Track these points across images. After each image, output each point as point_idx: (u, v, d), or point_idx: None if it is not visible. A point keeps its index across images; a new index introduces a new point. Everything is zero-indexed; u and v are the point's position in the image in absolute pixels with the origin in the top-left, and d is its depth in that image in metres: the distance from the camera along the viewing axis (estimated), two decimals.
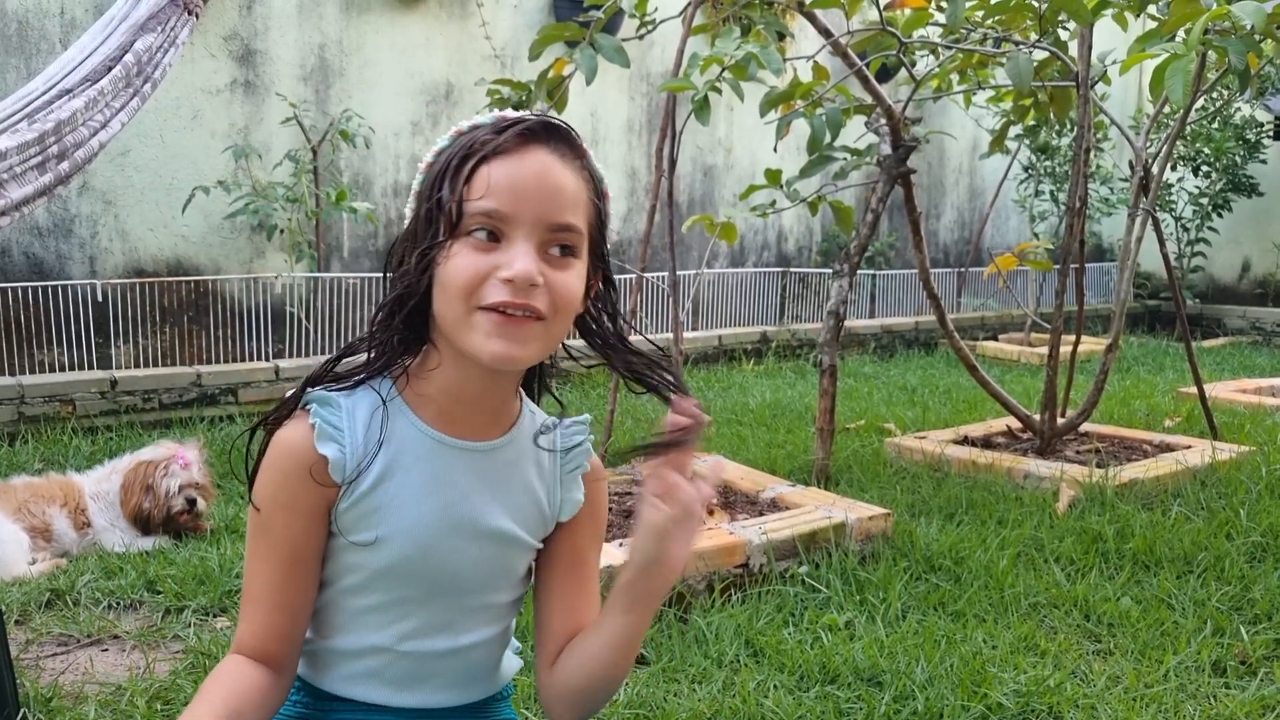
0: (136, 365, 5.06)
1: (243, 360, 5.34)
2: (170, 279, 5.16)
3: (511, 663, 1.33)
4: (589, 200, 1.13)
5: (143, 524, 3.22)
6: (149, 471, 3.23)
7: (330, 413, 1.13)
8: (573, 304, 1.11)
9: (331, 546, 1.16)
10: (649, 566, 1.09)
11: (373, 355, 1.15)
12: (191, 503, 3.25)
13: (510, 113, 1.12)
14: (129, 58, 3.56)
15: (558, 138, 1.11)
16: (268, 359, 5.34)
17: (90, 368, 4.91)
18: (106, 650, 2.51)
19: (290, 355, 5.44)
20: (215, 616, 2.68)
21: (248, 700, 1.10)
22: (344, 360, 1.19)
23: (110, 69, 3.51)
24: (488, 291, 1.05)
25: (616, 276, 1.24)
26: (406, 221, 1.14)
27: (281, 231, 5.21)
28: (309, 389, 1.15)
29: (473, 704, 1.26)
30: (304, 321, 5.46)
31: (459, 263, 1.05)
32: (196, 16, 3.83)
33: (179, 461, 3.27)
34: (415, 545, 1.15)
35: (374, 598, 1.17)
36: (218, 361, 5.28)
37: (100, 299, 4.95)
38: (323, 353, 5.48)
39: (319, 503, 1.13)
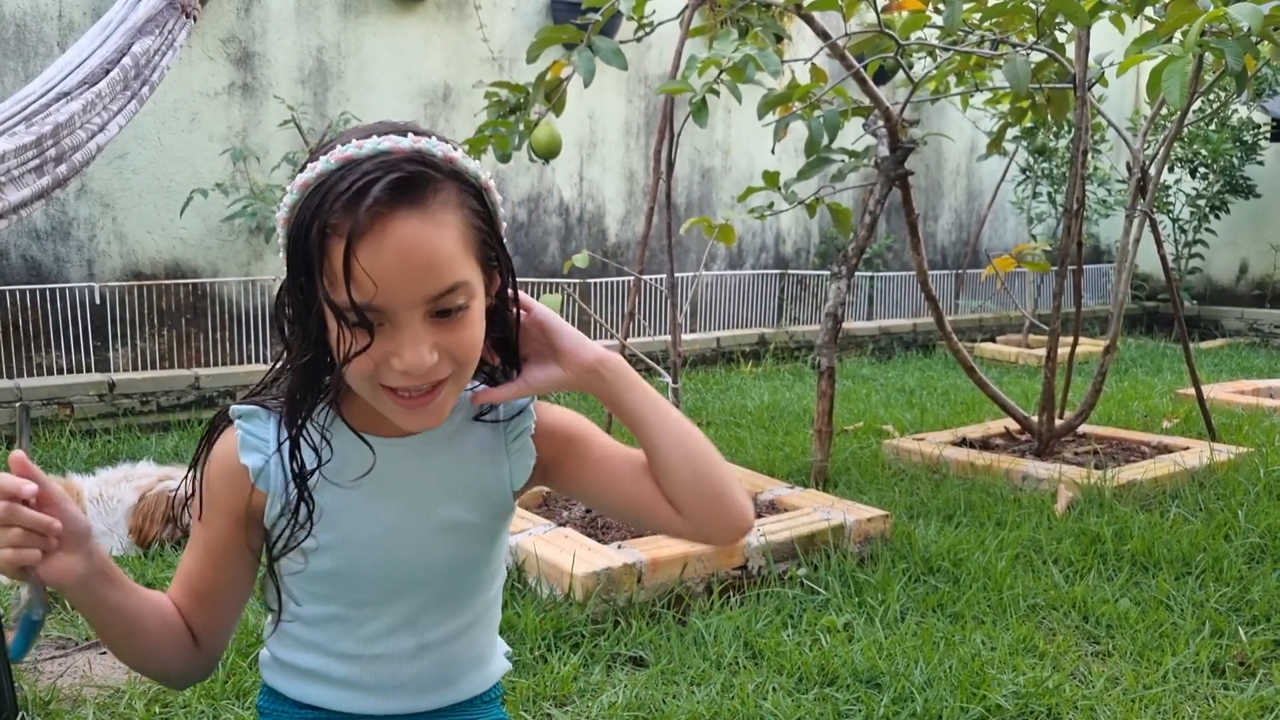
0: (134, 368, 5.05)
1: (241, 363, 5.33)
2: (168, 281, 5.16)
3: (499, 664, 1.32)
4: (466, 230, 1.05)
5: (146, 545, 3.20)
6: (174, 504, 3.20)
7: (255, 425, 1.15)
8: (476, 351, 1.09)
9: (281, 566, 1.18)
10: (579, 355, 1.16)
11: (289, 393, 1.13)
12: None
13: (353, 150, 1.03)
14: (127, 60, 3.55)
15: (407, 191, 1.01)
16: (266, 361, 5.34)
17: (88, 370, 4.91)
18: (105, 653, 2.51)
19: None
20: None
21: (161, 609, 1.16)
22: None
23: (108, 72, 3.51)
24: (386, 375, 1.05)
25: (615, 280, 1.24)
26: (281, 235, 1.09)
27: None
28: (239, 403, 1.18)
29: (459, 704, 1.25)
30: None
31: (346, 350, 1.03)
32: (194, 19, 3.83)
33: None
34: (361, 548, 1.15)
35: (332, 606, 1.18)
36: (216, 364, 5.28)
37: (98, 301, 4.95)
38: None
39: (241, 506, 1.16)
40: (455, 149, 1.07)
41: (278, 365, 1.16)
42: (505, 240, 1.14)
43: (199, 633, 1.19)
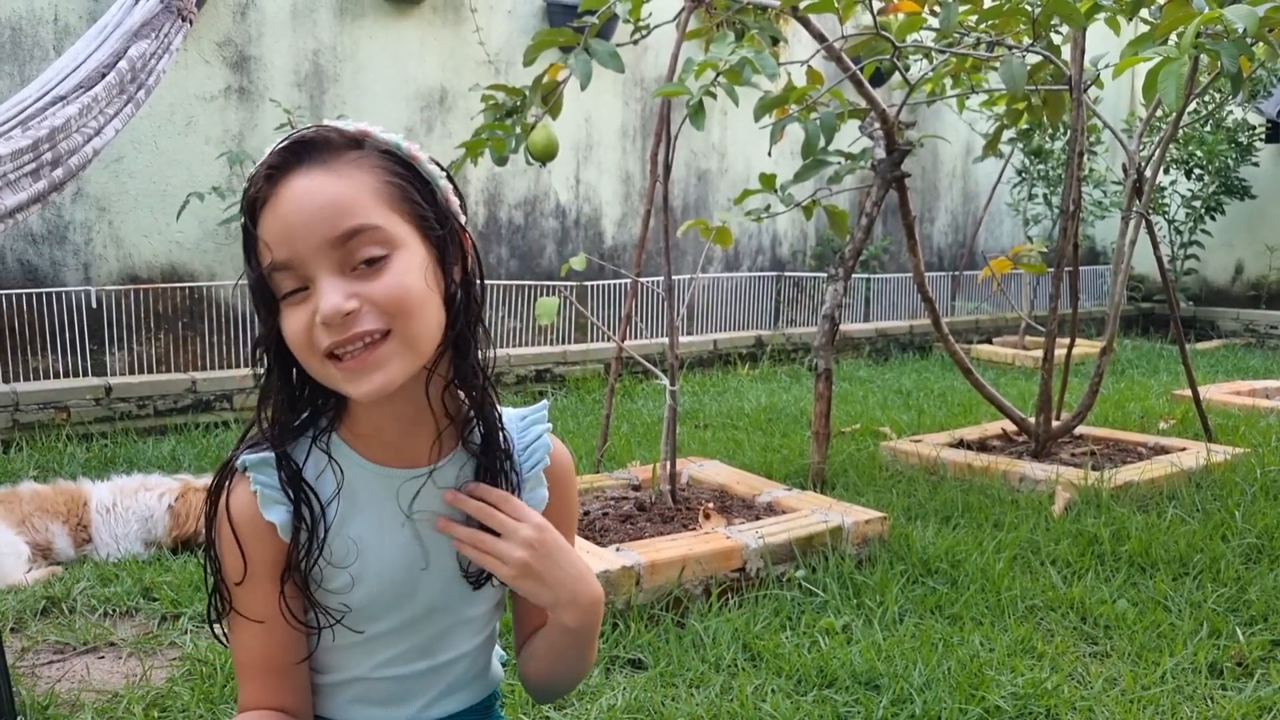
0: (131, 372, 5.05)
1: (238, 367, 5.33)
2: (165, 285, 5.15)
3: (497, 672, 1.33)
4: (380, 185, 1.04)
5: (182, 542, 3.20)
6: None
7: (269, 475, 1.10)
8: (411, 299, 1.03)
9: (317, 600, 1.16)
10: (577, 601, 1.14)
11: (283, 416, 1.12)
12: None
13: (276, 145, 1.07)
14: (123, 64, 3.55)
15: (308, 151, 1.04)
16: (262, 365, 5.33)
17: (85, 374, 4.90)
18: (103, 658, 2.50)
19: None
20: (212, 623, 2.67)
21: None
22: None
23: (104, 75, 3.51)
24: (318, 338, 1.02)
25: (611, 282, 1.23)
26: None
27: None
28: (239, 452, 1.13)
29: (461, 712, 1.26)
30: None
31: (287, 324, 1.03)
32: (190, 23, 3.83)
33: None
34: (383, 583, 1.14)
35: (349, 636, 1.16)
36: (213, 368, 5.27)
37: (95, 305, 4.94)
38: None
39: (278, 561, 1.12)
40: (377, 128, 1.07)
41: (259, 386, 1.12)
42: (465, 221, 1.12)
43: (301, 699, 1.16)
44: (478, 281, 1.12)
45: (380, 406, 1.10)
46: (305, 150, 1.04)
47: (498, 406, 1.18)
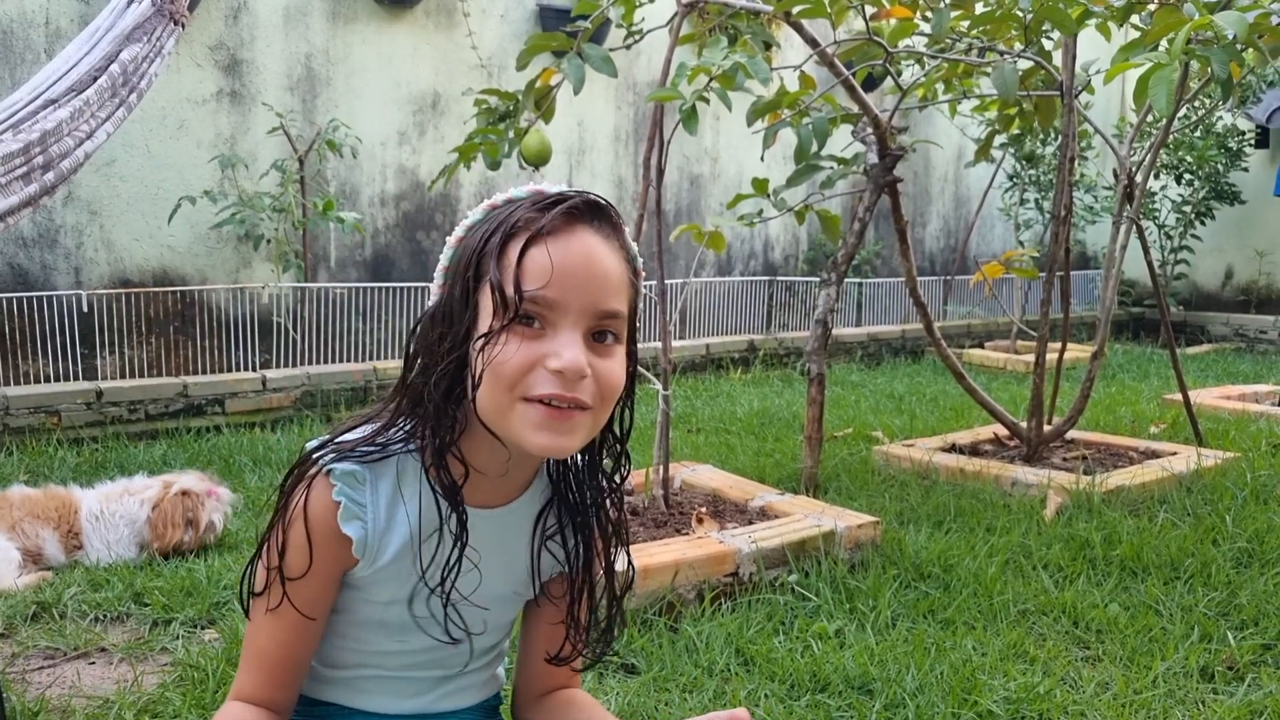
0: (122, 376, 5.03)
1: (229, 371, 5.32)
2: (156, 289, 5.14)
3: (500, 675, 1.37)
4: (629, 282, 1.09)
5: (166, 552, 3.19)
6: (190, 504, 3.18)
7: (355, 489, 1.10)
8: (617, 391, 1.08)
9: (346, 595, 1.17)
10: None
11: (400, 432, 1.12)
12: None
13: (548, 187, 1.08)
14: (115, 68, 3.54)
15: (600, 216, 1.07)
16: (254, 369, 5.32)
17: (75, 379, 4.88)
18: (94, 663, 2.49)
19: (277, 366, 5.42)
20: (203, 629, 2.66)
21: None
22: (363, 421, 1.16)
23: (96, 79, 3.50)
24: (534, 382, 1.02)
25: None
26: (434, 298, 1.11)
27: (268, 241, 5.19)
28: (327, 451, 1.12)
29: (470, 707, 1.29)
30: (291, 332, 5.45)
31: (507, 352, 1.01)
32: (182, 26, 3.82)
33: (213, 496, 3.23)
34: (425, 610, 1.17)
35: (384, 645, 1.20)
36: (204, 372, 5.26)
37: (86, 309, 4.92)
38: (310, 363, 5.47)
39: (338, 571, 1.13)
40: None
41: (406, 400, 1.11)
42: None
43: (290, 697, 1.17)
44: (633, 403, 1.18)
45: (495, 453, 1.11)
46: (597, 213, 1.07)
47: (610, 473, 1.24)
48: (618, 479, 1.23)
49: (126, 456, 4.27)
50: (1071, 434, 4.35)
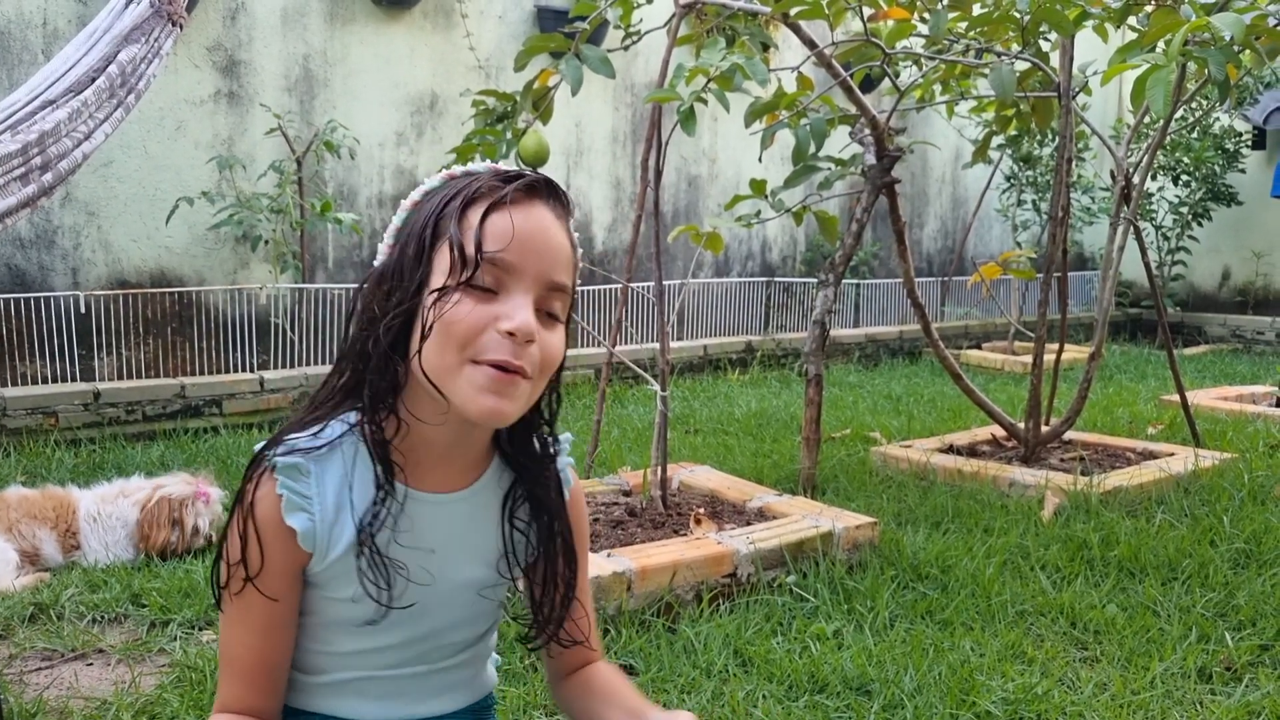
0: (120, 377, 5.03)
1: (227, 372, 5.31)
2: (154, 290, 5.14)
3: (491, 676, 1.34)
4: (574, 263, 1.14)
5: (162, 553, 3.18)
6: (175, 507, 3.18)
7: (298, 482, 1.10)
8: (555, 366, 1.10)
9: (310, 595, 1.16)
10: None
11: (343, 423, 1.13)
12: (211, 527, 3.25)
13: (503, 165, 1.12)
14: (113, 68, 3.54)
15: (555, 196, 1.11)
16: (252, 370, 5.32)
17: (73, 379, 4.88)
18: (91, 664, 2.49)
19: (275, 367, 5.41)
20: (201, 630, 2.66)
21: None
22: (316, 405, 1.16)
23: (94, 80, 3.50)
24: (485, 345, 1.04)
25: (602, 287, 1.26)
26: (383, 258, 1.11)
27: (266, 242, 5.19)
28: (271, 449, 1.12)
29: (456, 711, 1.27)
30: (289, 333, 5.44)
31: (460, 310, 1.03)
32: (180, 27, 3.82)
33: (202, 498, 3.22)
34: (400, 600, 1.15)
35: (355, 644, 1.18)
36: (202, 373, 5.26)
37: (83, 310, 4.92)
38: (308, 364, 5.46)
39: (293, 567, 1.12)
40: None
41: (341, 374, 1.13)
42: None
43: (275, 702, 1.17)
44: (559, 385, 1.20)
45: (438, 428, 1.12)
46: (553, 193, 1.11)
47: (551, 446, 1.24)
48: (547, 459, 1.23)
49: (124, 457, 4.26)
50: (1069, 435, 4.35)
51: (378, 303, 1.09)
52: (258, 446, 1.14)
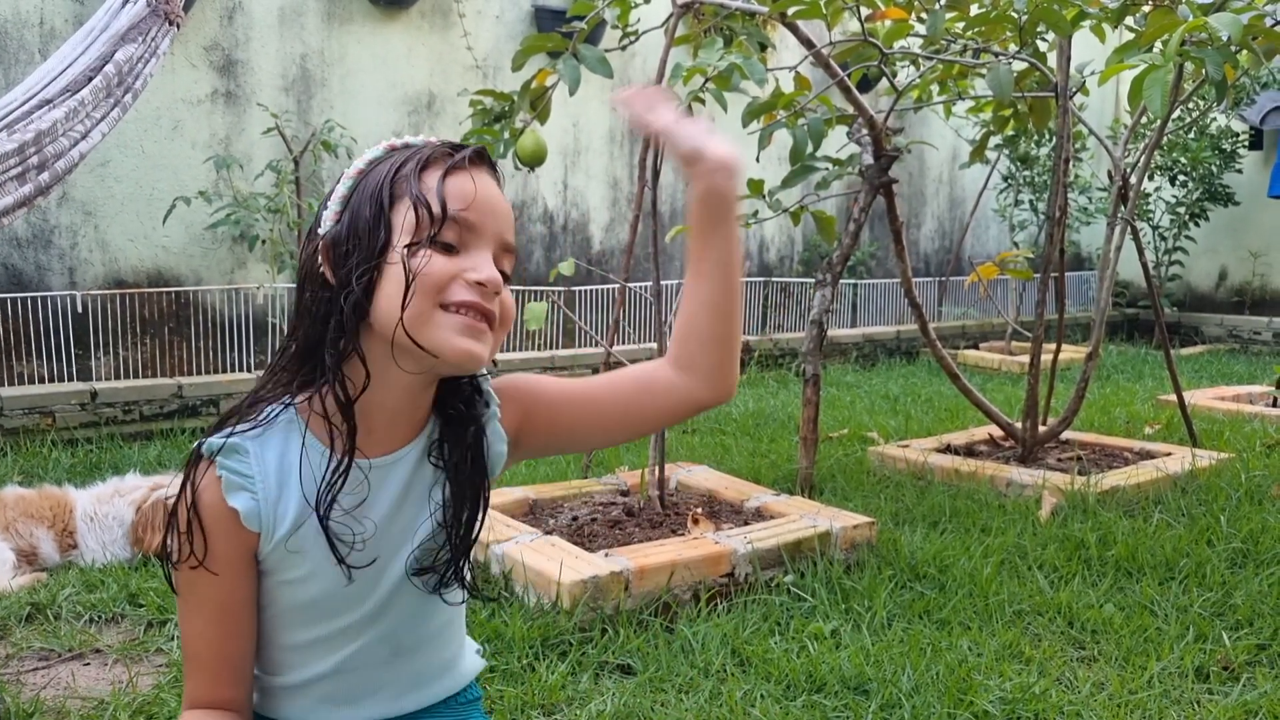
0: (117, 377, 5.02)
1: (224, 371, 5.31)
2: (151, 290, 5.13)
3: (472, 663, 1.32)
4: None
5: (160, 555, 3.17)
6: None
7: (237, 461, 1.10)
8: (511, 321, 1.14)
9: (264, 585, 1.15)
10: (691, 165, 1.19)
11: (293, 373, 1.13)
12: None
13: (433, 139, 1.16)
14: (110, 68, 3.53)
15: (491, 168, 1.16)
16: (250, 370, 5.32)
17: (70, 379, 4.87)
18: (89, 664, 2.49)
19: None
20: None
21: None
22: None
23: (91, 79, 3.49)
24: (455, 290, 1.07)
25: (600, 287, 1.26)
26: (330, 225, 1.11)
27: (263, 242, 5.19)
28: (208, 437, 1.12)
29: (434, 706, 1.26)
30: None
31: (432, 262, 1.07)
32: (178, 27, 3.81)
33: None
34: (344, 575, 1.14)
35: (313, 631, 1.16)
36: (199, 373, 5.25)
37: (80, 310, 4.91)
38: None
39: (241, 551, 1.11)
40: None
41: (294, 343, 1.13)
42: None
43: (245, 694, 1.16)
44: None
45: (387, 390, 1.12)
46: (490, 165, 1.17)
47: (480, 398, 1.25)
48: (478, 408, 1.23)
49: (121, 457, 4.26)
50: (1066, 435, 4.36)
51: (333, 267, 1.10)
52: (198, 442, 1.14)
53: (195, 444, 1.13)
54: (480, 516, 1.22)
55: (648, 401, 1.23)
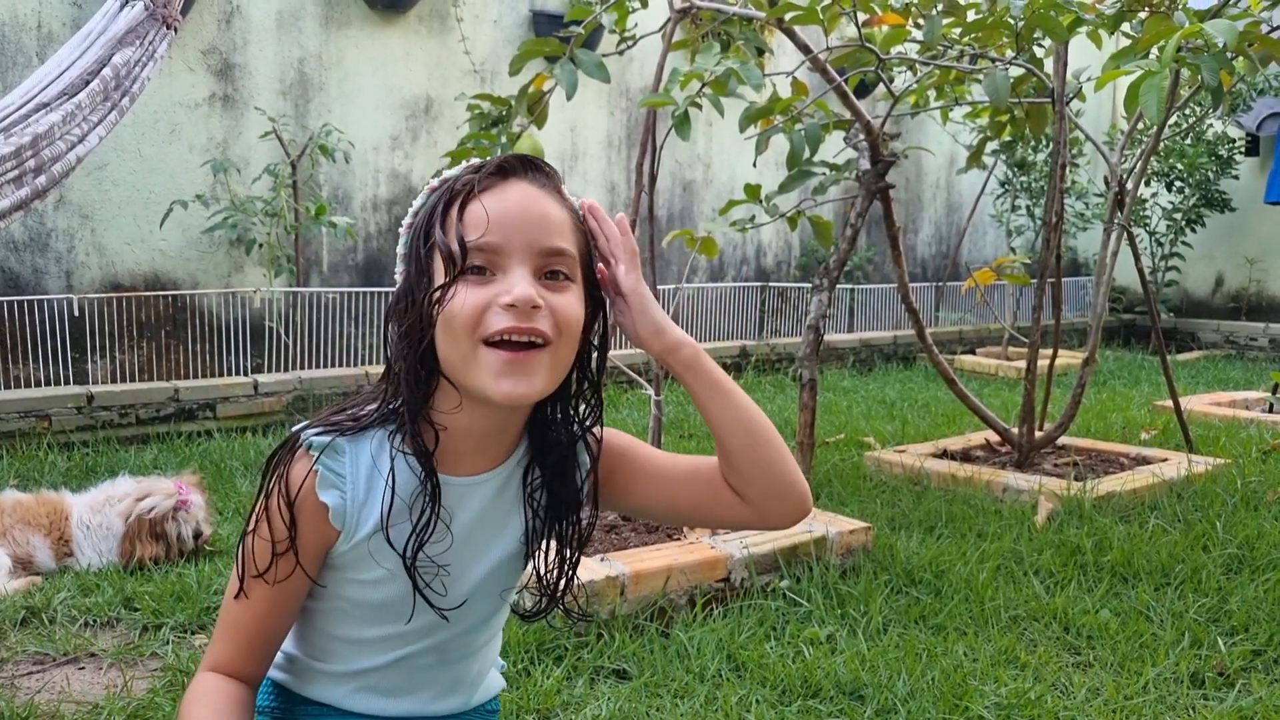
0: (113, 380, 5.02)
1: (221, 375, 5.30)
2: (148, 293, 5.13)
3: (497, 679, 1.34)
4: (575, 227, 1.15)
5: (156, 560, 3.17)
6: (156, 523, 3.16)
7: (333, 460, 1.13)
8: (575, 325, 1.11)
9: (332, 579, 1.18)
10: (646, 326, 1.19)
11: (389, 402, 1.15)
12: (198, 535, 3.22)
13: (473, 161, 1.15)
14: (107, 71, 3.54)
15: (533, 169, 1.14)
16: (246, 374, 5.31)
17: (66, 383, 4.87)
18: (83, 668, 2.48)
19: (269, 370, 5.41)
20: (193, 634, 2.65)
21: (231, 709, 1.12)
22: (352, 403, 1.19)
23: (88, 83, 3.49)
24: (491, 320, 1.06)
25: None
26: (399, 282, 1.14)
27: (260, 246, 5.18)
28: (311, 428, 1.15)
29: (465, 712, 1.28)
30: (283, 336, 5.44)
31: (460, 298, 1.06)
32: (175, 30, 3.82)
33: (184, 508, 3.21)
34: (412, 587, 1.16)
35: (372, 631, 1.19)
36: (196, 376, 5.25)
37: (77, 313, 4.91)
38: (302, 368, 5.46)
39: (318, 544, 1.14)
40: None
41: (385, 381, 1.15)
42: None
43: (260, 671, 1.19)
44: (608, 347, 1.23)
45: (474, 414, 1.13)
46: (530, 166, 1.14)
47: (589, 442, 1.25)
48: (589, 421, 1.24)
49: (117, 461, 4.25)
50: (1063, 440, 4.36)
51: (400, 326, 1.12)
52: (295, 427, 1.16)
53: (293, 430, 1.16)
54: (572, 542, 1.25)
55: (715, 508, 1.24)
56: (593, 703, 2.24)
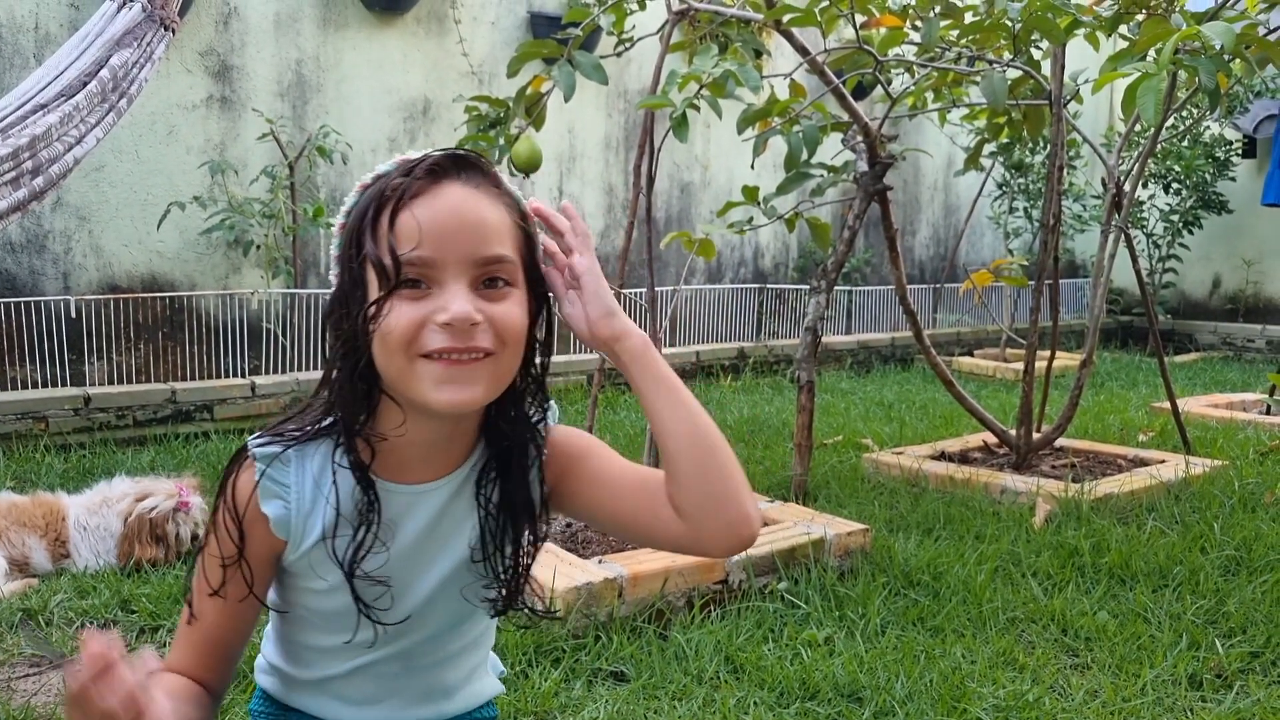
0: (110, 382, 5.01)
1: (218, 377, 5.30)
2: (145, 295, 5.12)
3: (490, 684, 1.32)
4: (514, 225, 1.10)
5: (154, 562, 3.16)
6: (157, 524, 3.15)
7: (277, 470, 1.12)
8: (518, 333, 1.08)
9: (288, 586, 1.17)
10: (597, 308, 1.14)
11: (329, 416, 1.13)
12: (195, 538, 3.22)
13: (412, 154, 1.10)
14: (104, 73, 3.53)
15: (467, 168, 1.09)
16: (244, 376, 5.30)
17: (63, 384, 4.86)
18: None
19: (266, 372, 5.40)
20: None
21: (186, 695, 1.13)
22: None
23: (85, 84, 3.49)
24: (427, 339, 1.03)
25: None
26: (333, 285, 1.12)
27: (258, 248, 5.18)
28: (259, 438, 1.14)
29: (448, 719, 1.26)
30: (280, 338, 5.43)
31: (395, 315, 1.03)
32: (173, 32, 3.81)
33: (183, 509, 3.20)
34: (371, 593, 1.15)
35: (329, 639, 1.18)
36: (193, 378, 5.24)
37: (74, 315, 4.90)
38: (300, 369, 5.45)
39: (266, 554, 1.14)
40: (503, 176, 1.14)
41: (323, 388, 1.13)
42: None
43: (217, 681, 1.18)
44: (552, 345, 1.19)
45: (422, 423, 1.11)
46: (463, 166, 1.09)
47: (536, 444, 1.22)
48: (537, 421, 1.21)
49: (114, 462, 4.24)
50: (1060, 442, 4.36)
51: (336, 336, 1.10)
52: (250, 437, 1.16)
53: (244, 442, 1.15)
54: (527, 548, 1.22)
55: (652, 522, 1.16)
56: (591, 705, 2.24)
